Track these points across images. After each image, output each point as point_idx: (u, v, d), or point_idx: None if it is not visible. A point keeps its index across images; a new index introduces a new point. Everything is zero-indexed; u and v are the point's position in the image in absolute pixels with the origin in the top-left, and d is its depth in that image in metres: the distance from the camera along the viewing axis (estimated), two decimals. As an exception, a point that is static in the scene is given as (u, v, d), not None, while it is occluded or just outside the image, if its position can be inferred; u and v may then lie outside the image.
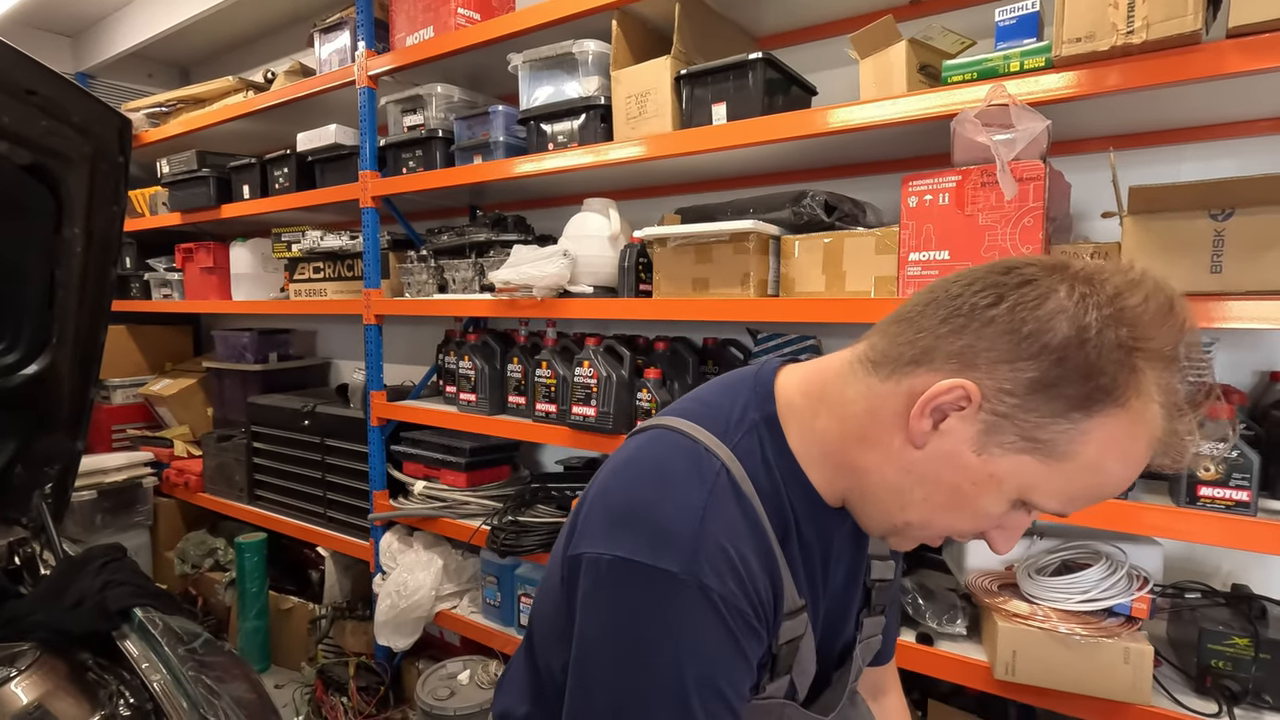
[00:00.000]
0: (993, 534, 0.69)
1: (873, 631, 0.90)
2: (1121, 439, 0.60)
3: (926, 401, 0.63)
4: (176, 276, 3.30)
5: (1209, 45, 1.12)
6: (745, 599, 0.66)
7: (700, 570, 0.63)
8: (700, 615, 0.64)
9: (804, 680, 0.78)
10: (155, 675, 1.12)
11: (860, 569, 0.86)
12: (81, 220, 1.10)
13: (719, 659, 0.65)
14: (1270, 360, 1.50)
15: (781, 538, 0.71)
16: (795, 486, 0.73)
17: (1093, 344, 0.58)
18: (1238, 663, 1.23)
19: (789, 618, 0.72)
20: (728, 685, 0.66)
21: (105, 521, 3.09)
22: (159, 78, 3.80)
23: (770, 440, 0.73)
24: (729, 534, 0.66)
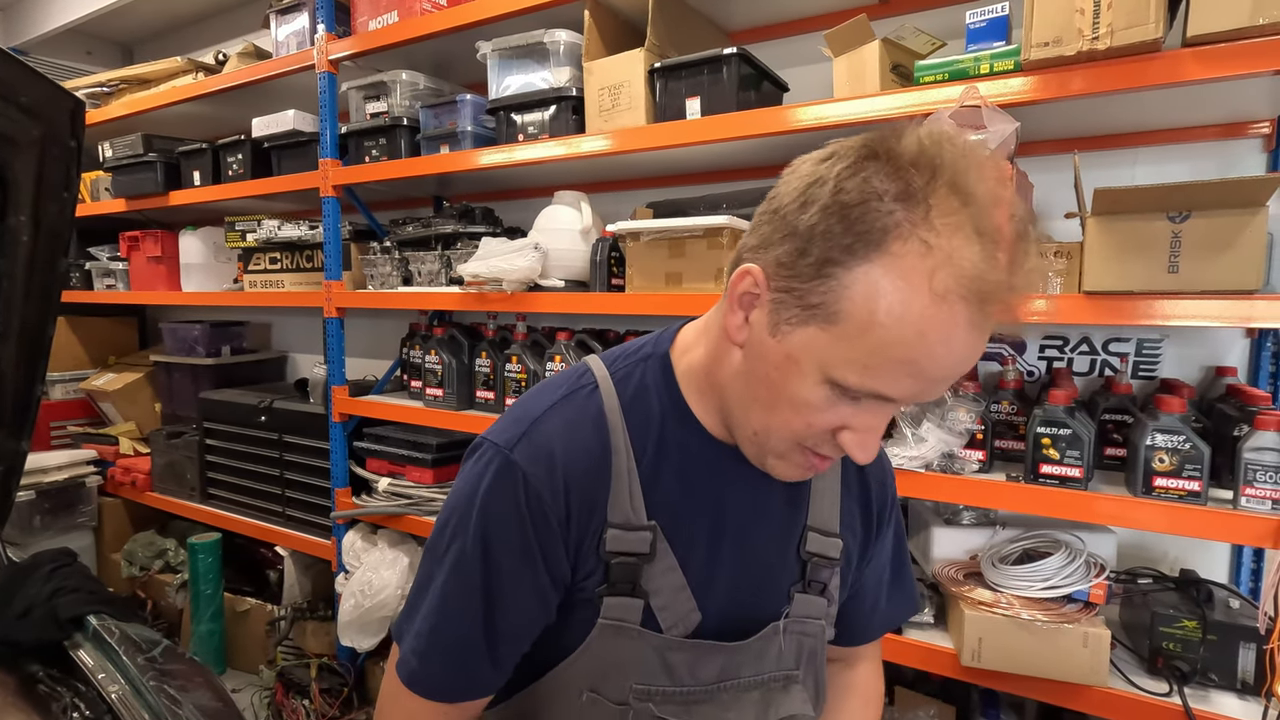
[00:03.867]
0: (843, 438, 0.65)
1: (808, 611, 0.83)
2: (889, 290, 0.56)
3: (732, 297, 0.67)
4: (121, 266, 3.14)
5: (1168, 53, 1.17)
6: (548, 486, 0.71)
7: (517, 447, 0.72)
8: (503, 484, 0.71)
9: (673, 619, 0.75)
10: (112, 686, 1.07)
11: (791, 535, 0.82)
12: (29, 208, 1.03)
13: (504, 529, 0.71)
14: (1216, 356, 1.58)
15: (640, 456, 0.74)
16: (677, 416, 0.76)
17: (842, 194, 0.57)
18: (1187, 644, 1.29)
19: (621, 529, 0.73)
20: (505, 556, 0.72)
21: (45, 523, 2.94)
22: (99, 56, 3.61)
23: (658, 373, 0.78)
24: (562, 432, 0.73)
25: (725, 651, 0.78)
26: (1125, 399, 1.49)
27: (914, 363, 0.58)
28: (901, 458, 1.46)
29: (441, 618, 0.74)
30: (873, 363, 0.59)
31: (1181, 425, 1.23)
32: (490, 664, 0.75)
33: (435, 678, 0.75)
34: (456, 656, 0.74)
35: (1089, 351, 1.70)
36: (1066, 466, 1.32)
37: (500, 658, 0.76)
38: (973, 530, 1.58)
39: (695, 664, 0.77)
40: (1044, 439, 1.34)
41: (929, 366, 0.58)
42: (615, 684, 0.75)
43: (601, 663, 0.75)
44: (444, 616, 0.74)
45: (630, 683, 0.75)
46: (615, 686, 0.75)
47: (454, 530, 0.74)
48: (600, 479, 0.73)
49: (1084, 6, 1.18)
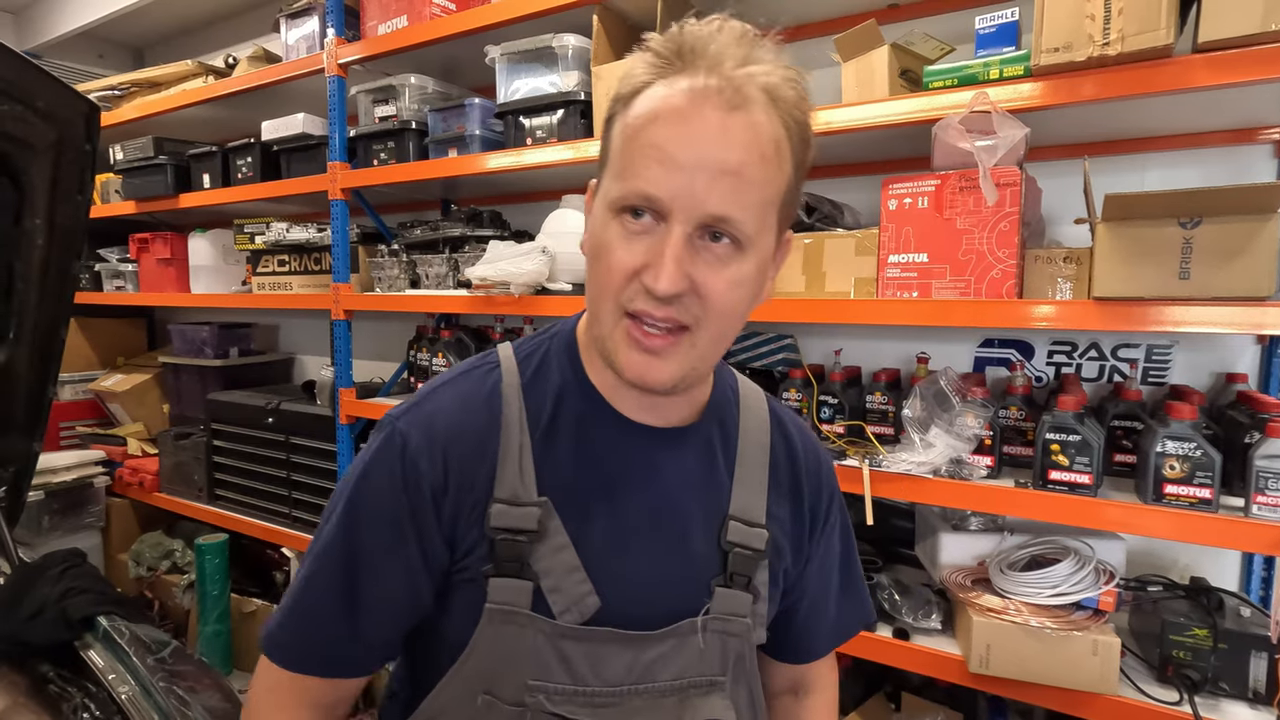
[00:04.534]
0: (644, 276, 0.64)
1: (732, 608, 0.76)
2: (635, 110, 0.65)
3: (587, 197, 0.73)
4: (130, 268, 3.16)
5: (1179, 59, 1.16)
6: (426, 456, 0.71)
7: (404, 416, 0.74)
8: (385, 453, 0.72)
9: (565, 603, 0.71)
10: (122, 686, 1.07)
11: (711, 525, 0.77)
12: (44, 211, 1.04)
13: (377, 494, 0.72)
14: (1227, 362, 1.57)
15: (534, 431, 0.74)
16: (579, 389, 0.76)
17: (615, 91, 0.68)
18: (1197, 653, 1.28)
19: (507, 504, 0.71)
20: (370, 517, 0.72)
21: (54, 523, 2.96)
22: (110, 59, 3.64)
23: (561, 347, 0.78)
24: (450, 406, 0.74)
25: (630, 646, 0.72)
26: (1135, 405, 1.48)
27: (655, 146, 0.62)
28: (909, 463, 1.46)
29: (307, 585, 0.74)
30: (627, 163, 0.64)
31: (1193, 432, 1.23)
32: (350, 637, 0.73)
33: (292, 646, 0.73)
34: (315, 625, 0.73)
35: (1098, 357, 1.69)
36: (1076, 473, 1.32)
37: (362, 632, 0.73)
38: (980, 536, 1.57)
39: (597, 660, 0.71)
40: (1053, 445, 1.33)
41: (673, 145, 0.62)
42: (510, 681, 0.71)
43: (493, 657, 0.71)
44: (309, 584, 0.73)
45: (525, 679, 0.70)
46: (510, 684, 0.71)
47: (335, 498, 0.75)
48: (483, 452, 0.72)
49: (1095, 12, 1.18)
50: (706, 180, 0.61)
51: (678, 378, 0.68)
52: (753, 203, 0.64)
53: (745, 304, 0.68)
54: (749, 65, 0.63)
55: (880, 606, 1.56)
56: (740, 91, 0.62)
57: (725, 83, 0.62)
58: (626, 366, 0.67)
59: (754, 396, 0.86)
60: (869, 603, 0.95)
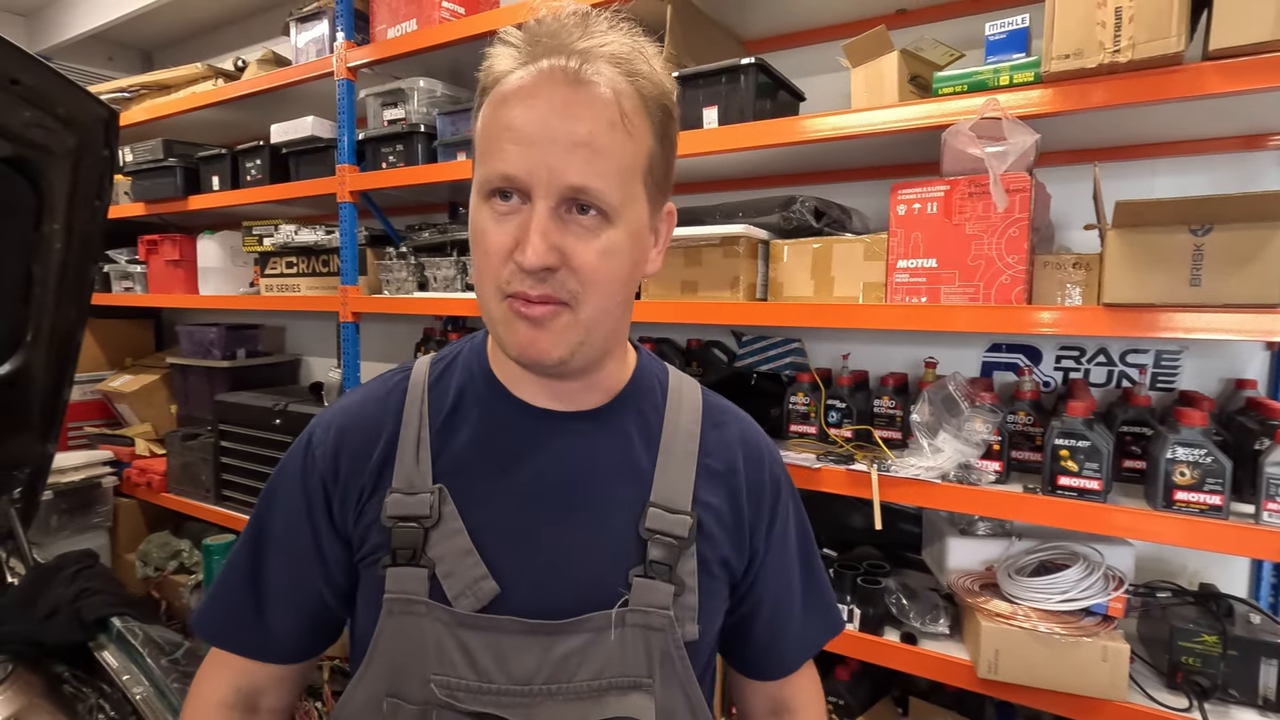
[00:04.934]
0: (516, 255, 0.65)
1: (652, 600, 0.72)
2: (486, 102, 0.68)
3: None
4: (139, 269, 3.18)
5: (1189, 66, 1.16)
6: (322, 447, 0.76)
7: (318, 418, 0.81)
8: (297, 447, 0.79)
9: (461, 585, 0.70)
10: (136, 687, 1.08)
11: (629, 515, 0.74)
12: (62, 216, 1.05)
13: (286, 486, 0.78)
14: (1236, 368, 1.57)
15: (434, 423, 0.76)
16: (484, 381, 0.78)
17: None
18: (1207, 659, 1.28)
19: (402, 493, 0.73)
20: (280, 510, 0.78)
21: (62, 523, 2.97)
22: (120, 61, 3.66)
23: (472, 346, 0.81)
24: (356, 404, 0.80)
25: (536, 639, 0.69)
26: (1143, 411, 1.48)
27: (508, 128, 0.64)
28: (917, 468, 1.46)
29: (225, 566, 0.80)
30: (486, 148, 0.67)
31: (1203, 439, 1.23)
32: (254, 617, 0.77)
33: (207, 617, 0.79)
34: (225, 603, 0.79)
35: (1106, 363, 1.69)
36: (1085, 479, 1.32)
37: (265, 614, 0.77)
38: (988, 541, 1.57)
39: (501, 654, 0.69)
40: (1062, 451, 1.33)
41: (523, 123, 0.64)
42: (414, 677, 0.70)
43: (395, 651, 0.71)
44: (227, 565, 0.80)
45: (428, 673, 0.69)
46: (414, 681, 0.70)
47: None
48: (376, 440, 0.75)
49: (1105, 19, 1.18)
50: (559, 153, 0.63)
51: (566, 351, 0.68)
52: (610, 172, 0.65)
53: (624, 273, 0.69)
54: (590, 39, 0.66)
55: (888, 611, 1.56)
56: (584, 66, 0.64)
57: (569, 59, 0.64)
58: (512, 342, 0.68)
59: (687, 387, 0.85)
60: (836, 610, 0.91)
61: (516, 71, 0.66)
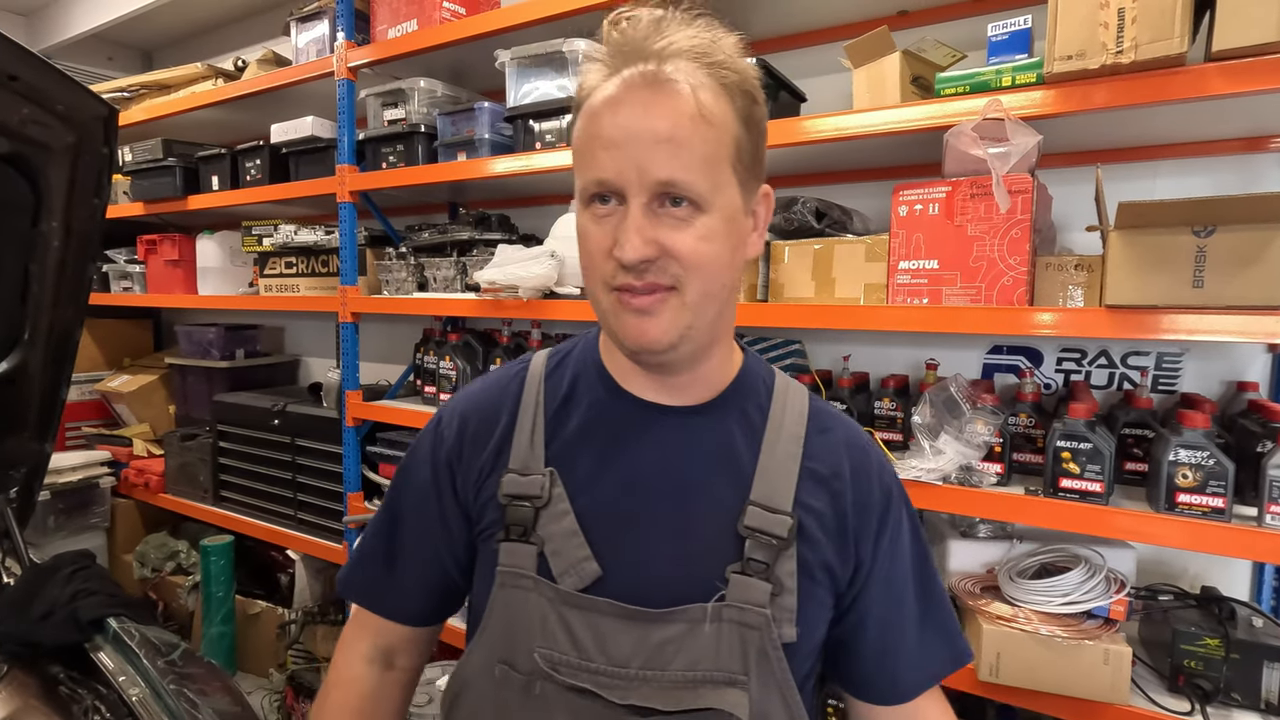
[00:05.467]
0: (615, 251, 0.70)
1: (750, 598, 0.73)
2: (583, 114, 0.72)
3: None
4: (138, 269, 3.17)
5: (1192, 68, 1.16)
6: (449, 428, 0.85)
7: (447, 403, 0.89)
8: (429, 426, 0.89)
9: (565, 567, 0.74)
10: (133, 689, 1.07)
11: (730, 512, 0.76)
12: (60, 213, 1.04)
13: (417, 463, 0.87)
14: (1238, 370, 1.57)
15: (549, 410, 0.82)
16: (597, 375, 0.82)
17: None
18: (1209, 663, 1.28)
19: (517, 474, 0.79)
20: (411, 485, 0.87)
21: (59, 523, 2.96)
22: (119, 61, 3.65)
23: (586, 341, 0.86)
24: (478, 390, 0.87)
25: (634, 624, 0.71)
26: (1145, 413, 1.48)
27: (597, 136, 0.69)
28: (919, 470, 1.45)
29: (368, 532, 0.90)
30: (582, 159, 0.71)
31: (1205, 441, 1.22)
32: (390, 580, 0.87)
33: (350, 579, 0.91)
34: (363, 564, 0.90)
35: (1107, 365, 1.69)
36: (1087, 481, 1.31)
37: (399, 578, 0.87)
38: (989, 543, 1.57)
39: (601, 634, 0.71)
40: (1064, 453, 1.33)
41: (610, 130, 0.68)
42: (521, 648, 0.75)
43: (505, 622, 0.76)
44: (368, 531, 0.90)
45: (533, 645, 0.73)
46: (521, 651, 0.74)
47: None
48: (496, 423, 0.82)
49: (1108, 20, 1.18)
50: (645, 151, 0.67)
51: (675, 335, 0.71)
52: (696, 163, 0.67)
53: (724, 257, 0.72)
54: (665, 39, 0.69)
55: (889, 613, 1.55)
56: (661, 66, 0.68)
57: (646, 63, 0.68)
58: (624, 332, 0.71)
59: (794, 390, 0.85)
60: (961, 639, 0.86)
61: (603, 85, 0.70)
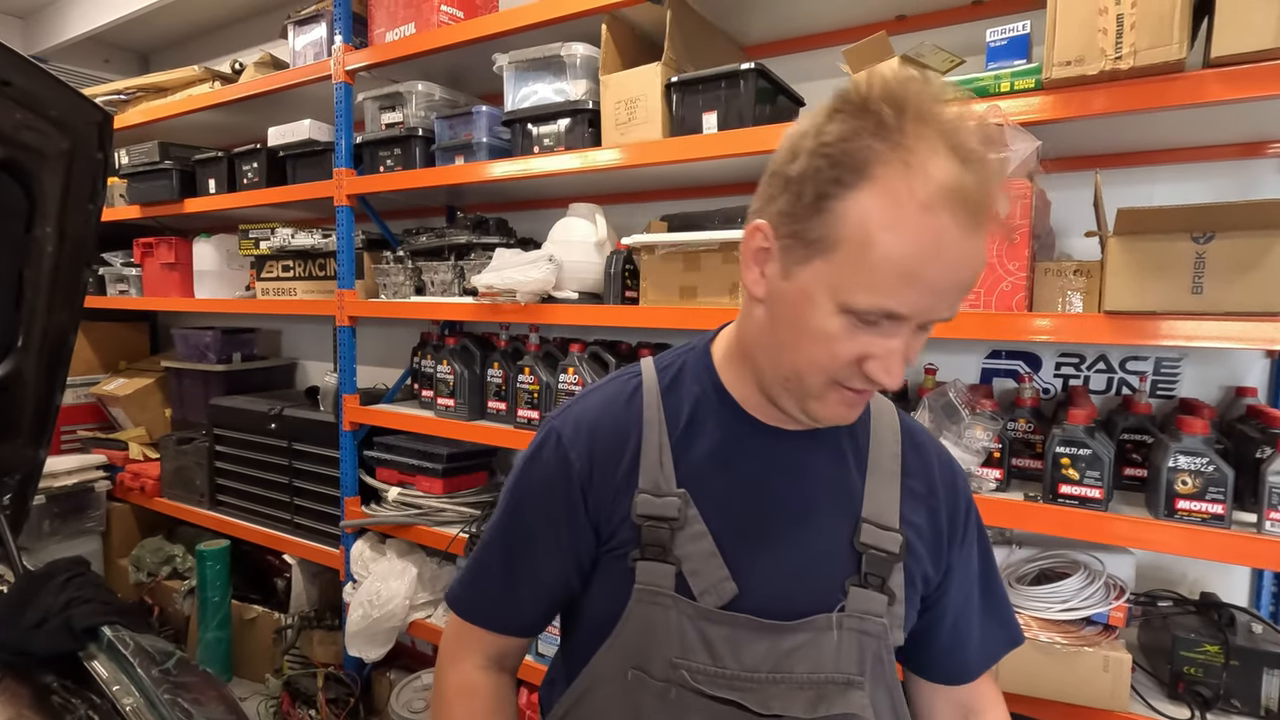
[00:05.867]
0: (868, 366, 0.68)
1: (867, 608, 0.79)
2: (879, 209, 0.62)
3: (745, 255, 0.73)
4: (134, 272, 3.16)
5: (1191, 74, 1.16)
6: (575, 448, 0.81)
7: (561, 420, 0.85)
8: (542, 447, 0.84)
9: (704, 586, 0.76)
10: (127, 698, 1.06)
11: (844, 527, 0.80)
12: (55, 219, 1.03)
13: (535, 484, 0.84)
14: (1236, 376, 1.56)
15: (673, 430, 0.81)
16: (716, 396, 0.82)
17: (823, 138, 0.64)
18: (1209, 669, 1.27)
19: (650, 494, 0.78)
20: (533, 506, 0.84)
21: (54, 528, 2.95)
22: (117, 64, 3.64)
23: (697, 358, 0.85)
24: (597, 407, 0.84)
25: (767, 634, 0.77)
26: (1144, 419, 1.47)
27: (913, 273, 0.62)
28: (918, 475, 1.45)
29: (482, 551, 0.89)
30: (877, 280, 0.63)
31: (1205, 447, 1.22)
32: (510, 601, 0.87)
33: (465, 599, 0.89)
34: (480, 585, 0.88)
35: (1106, 370, 1.69)
36: (1086, 487, 1.31)
37: (519, 597, 0.86)
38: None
39: (737, 645, 0.76)
40: (1063, 459, 1.33)
41: (928, 275, 0.63)
42: (656, 658, 0.77)
43: (641, 635, 0.78)
44: (483, 550, 0.89)
45: (670, 656, 0.76)
46: (657, 661, 0.77)
47: (506, 486, 0.88)
48: (625, 444, 0.80)
49: (1107, 26, 1.18)
50: (948, 298, 0.65)
51: None
52: None
53: None
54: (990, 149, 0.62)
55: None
56: (990, 199, 0.62)
57: (975, 186, 0.61)
58: (825, 414, 0.74)
59: (886, 409, 0.89)
60: (1016, 624, 0.94)
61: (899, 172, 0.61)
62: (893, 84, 0.63)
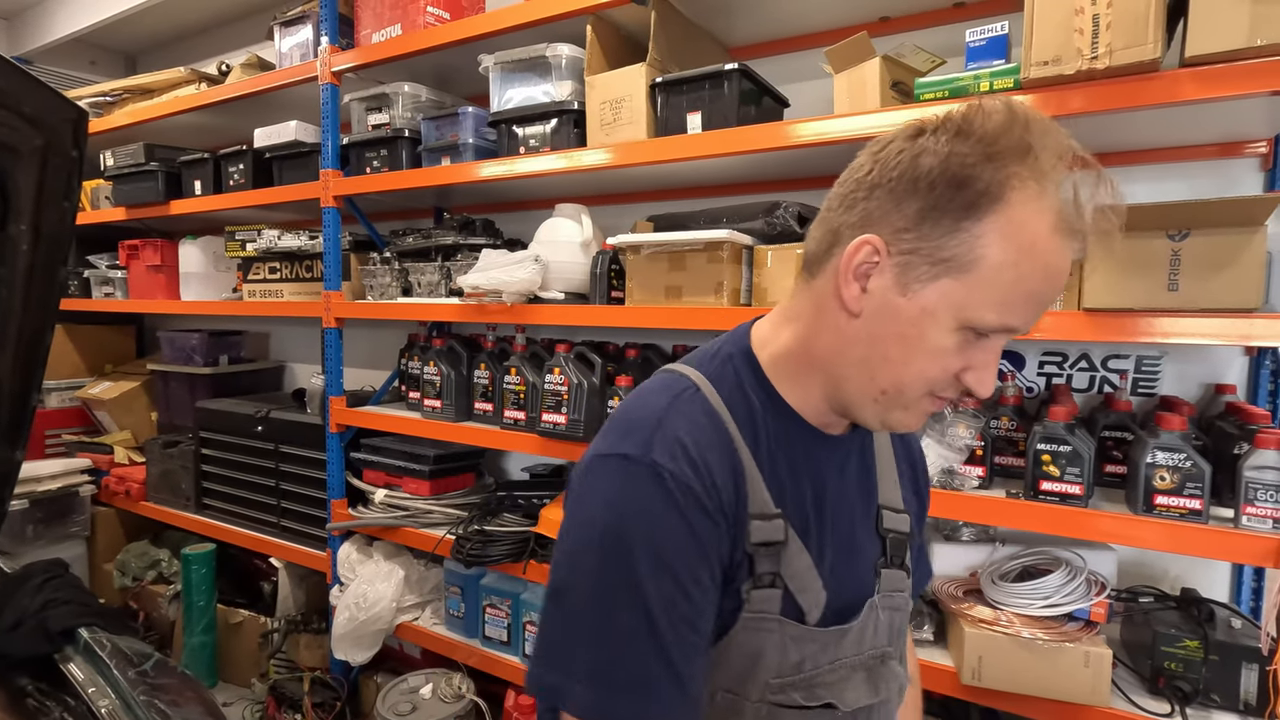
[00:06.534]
0: (966, 377, 0.70)
1: (895, 585, 0.85)
2: (1016, 231, 0.64)
3: (845, 269, 0.70)
4: (119, 274, 3.14)
5: (1166, 73, 1.17)
6: (696, 480, 0.69)
7: (652, 451, 0.69)
8: (649, 488, 0.68)
9: (810, 602, 0.76)
10: (102, 700, 1.05)
11: (869, 514, 0.86)
12: (29, 216, 1.03)
13: (667, 533, 0.68)
14: (1216, 373, 1.58)
15: (753, 449, 0.76)
16: (772, 407, 0.78)
17: (955, 160, 0.65)
18: (1189, 664, 1.28)
19: (759, 519, 0.74)
20: (677, 560, 0.68)
21: (38, 533, 2.92)
22: (103, 65, 3.62)
23: (746, 368, 0.80)
24: (687, 429, 0.72)
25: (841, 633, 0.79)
26: (1125, 416, 1.48)
27: (1038, 293, 0.66)
28: (901, 473, 1.45)
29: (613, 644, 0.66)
30: (1008, 299, 0.66)
31: (1182, 443, 1.23)
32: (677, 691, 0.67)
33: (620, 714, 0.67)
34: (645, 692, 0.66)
35: (1088, 368, 1.70)
36: (1067, 483, 1.32)
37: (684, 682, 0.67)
38: (972, 547, 1.57)
39: (822, 651, 0.78)
40: (1044, 456, 1.33)
41: (1046, 293, 0.67)
42: (755, 681, 0.75)
43: (743, 661, 0.74)
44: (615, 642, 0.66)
45: (769, 678, 0.75)
46: (755, 684, 0.75)
47: (602, 551, 0.68)
48: (733, 469, 0.74)
49: (1083, 26, 1.19)
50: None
51: None
52: None
53: None
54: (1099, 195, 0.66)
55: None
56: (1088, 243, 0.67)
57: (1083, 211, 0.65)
58: (906, 423, 0.75)
59: None
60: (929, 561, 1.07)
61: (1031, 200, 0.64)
62: (1018, 110, 0.65)
